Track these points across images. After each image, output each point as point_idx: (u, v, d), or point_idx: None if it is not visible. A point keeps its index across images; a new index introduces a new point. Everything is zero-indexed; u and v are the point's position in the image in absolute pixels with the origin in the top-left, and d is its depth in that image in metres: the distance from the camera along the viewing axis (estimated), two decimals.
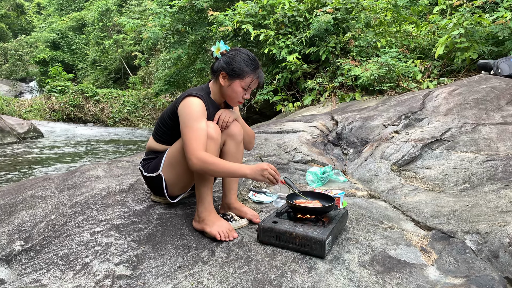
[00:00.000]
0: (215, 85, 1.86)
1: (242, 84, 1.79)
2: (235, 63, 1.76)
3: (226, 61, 1.78)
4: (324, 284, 1.40)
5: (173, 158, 1.80)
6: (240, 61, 1.77)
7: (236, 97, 1.81)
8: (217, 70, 1.80)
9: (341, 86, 5.86)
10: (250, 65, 1.78)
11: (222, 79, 1.79)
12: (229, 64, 1.77)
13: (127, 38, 19.78)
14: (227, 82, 1.79)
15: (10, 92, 21.04)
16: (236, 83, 1.78)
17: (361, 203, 2.26)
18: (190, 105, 1.71)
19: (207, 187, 1.72)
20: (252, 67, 1.79)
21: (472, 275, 1.48)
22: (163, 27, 11.38)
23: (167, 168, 1.82)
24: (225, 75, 1.78)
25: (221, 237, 1.66)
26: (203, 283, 1.40)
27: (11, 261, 1.52)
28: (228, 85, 1.79)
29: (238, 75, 1.77)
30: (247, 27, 6.85)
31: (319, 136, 3.68)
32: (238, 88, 1.79)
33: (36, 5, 34.28)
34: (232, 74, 1.77)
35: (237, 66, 1.76)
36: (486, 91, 3.70)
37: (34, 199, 2.06)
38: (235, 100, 1.83)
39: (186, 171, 1.76)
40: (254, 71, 1.79)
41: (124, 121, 16.16)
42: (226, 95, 1.84)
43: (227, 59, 1.79)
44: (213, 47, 1.84)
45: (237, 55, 1.78)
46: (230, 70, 1.77)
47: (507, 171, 2.41)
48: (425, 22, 6.76)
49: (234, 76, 1.77)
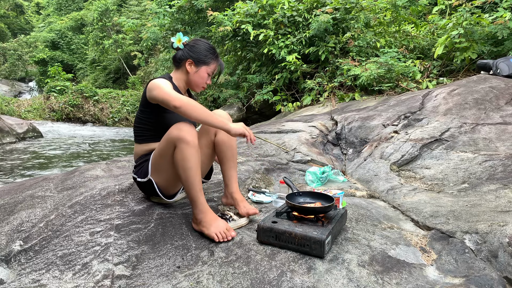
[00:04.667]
0: (178, 73, 1.97)
1: (207, 70, 1.95)
2: (200, 51, 1.93)
3: (192, 50, 1.92)
4: (324, 284, 1.40)
5: (157, 165, 1.82)
6: (204, 50, 1.94)
7: (201, 82, 1.96)
8: (183, 58, 1.93)
9: (340, 86, 5.87)
10: (213, 53, 1.96)
11: (189, 66, 1.93)
12: (195, 52, 1.92)
13: (127, 38, 19.75)
14: (194, 68, 1.93)
15: (9, 92, 21.03)
16: (202, 69, 1.94)
17: (361, 203, 2.26)
18: (158, 83, 1.77)
19: (195, 190, 1.71)
20: (215, 55, 1.97)
21: (471, 275, 1.48)
22: (162, 27, 11.38)
23: (154, 173, 1.84)
24: (191, 62, 1.92)
25: (218, 238, 1.66)
26: (202, 283, 1.40)
27: (10, 261, 1.52)
28: (195, 71, 1.94)
29: (204, 62, 1.93)
30: (246, 27, 6.85)
31: (319, 136, 3.68)
32: (204, 74, 1.95)
33: (35, 5, 34.24)
34: (199, 61, 1.92)
35: (203, 54, 1.93)
36: (485, 91, 3.70)
37: (33, 199, 2.06)
38: (200, 85, 1.98)
39: (171, 175, 1.78)
40: (217, 58, 1.98)
41: (123, 121, 16.15)
42: (192, 81, 1.96)
43: (191, 48, 1.93)
44: (173, 38, 1.96)
45: (200, 44, 1.94)
46: (197, 57, 1.92)
47: (506, 171, 2.41)
48: (424, 22, 6.77)
49: (200, 63, 1.93)
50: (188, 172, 1.67)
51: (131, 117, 16.34)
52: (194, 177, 1.69)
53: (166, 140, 1.71)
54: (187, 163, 1.66)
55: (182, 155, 1.65)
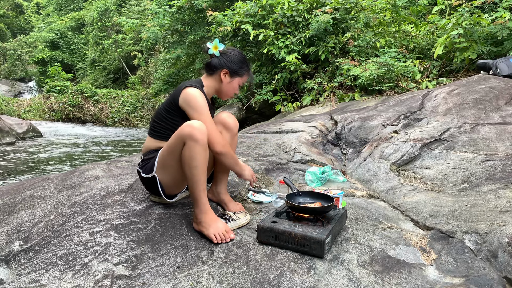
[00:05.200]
0: (210, 80, 1.97)
1: (240, 81, 2.00)
2: (236, 62, 1.95)
3: (229, 60, 1.94)
4: (323, 284, 1.41)
5: (164, 161, 1.80)
6: (239, 61, 1.96)
7: (232, 93, 2.01)
8: (219, 67, 1.93)
9: (340, 86, 5.86)
10: (247, 65, 2.01)
11: (223, 76, 1.94)
12: (231, 63, 1.94)
13: (126, 38, 19.75)
14: (229, 79, 1.95)
15: (9, 92, 21.03)
16: (236, 80, 1.98)
17: (360, 203, 2.26)
18: (194, 94, 1.81)
19: (199, 189, 1.71)
20: (248, 67, 2.02)
21: (471, 275, 1.48)
22: (162, 27, 11.38)
23: (160, 169, 1.83)
24: (226, 73, 1.94)
25: (217, 239, 1.66)
26: (202, 283, 1.40)
27: (10, 261, 1.52)
28: (229, 82, 1.96)
29: (238, 73, 1.97)
30: (246, 27, 6.84)
31: (318, 136, 3.68)
32: (236, 85, 2.00)
33: (35, 5, 34.24)
34: (234, 72, 1.95)
35: (238, 65, 1.95)
36: (485, 91, 3.70)
37: (33, 199, 2.06)
38: (230, 95, 2.03)
39: (177, 172, 1.77)
40: (249, 70, 2.03)
41: (123, 121, 16.16)
42: (223, 91, 1.99)
43: (227, 57, 1.94)
44: (209, 44, 1.95)
45: (235, 54, 1.97)
46: (233, 69, 1.94)
47: (506, 171, 2.41)
48: (424, 22, 6.77)
49: (235, 74, 1.96)
50: (194, 170, 1.67)
51: (131, 117, 16.35)
52: (199, 176, 1.69)
53: (177, 137, 1.70)
54: (194, 161, 1.66)
55: (190, 152, 1.65)
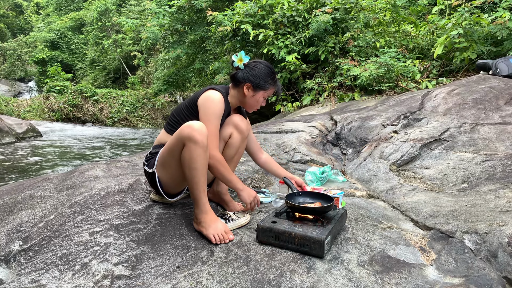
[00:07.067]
0: (235, 91, 1.96)
1: (264, 95, 1.96)
2: (260, 76, 1.90)
3: (252, 74, 1.90)
4: (323, 284, 1.41)
5: (164, 160, 1.80)
6: (265, 74, 1.91)
7: (256, 105, 1.98)
8: (242, 81, 1.90)
9: (340, 86, 5.86)
10: (273, 78, 1.94)
11: (247, 89, 1.91)
12: (255, 77, 1.90)
13: (126, 38, 19.74)
14: (252, 92, 1.92)
15: (8, 92, 21.02)
16: (260, 93, 1.93)
17: (360, 203, 2.26)
18: (213, 99, 1.80)
19: (199, 190, 1.70)
20: (274, 80, 1.95)
21: (471, 275, 1.48)
22: (162, 27, 11.38)
23: (160, 167, 1.83)
24: (249, 86, 1.91)
25: (215, 240, 1.66)
26: (202, 283, 1.40)
27: (10, 261, 1.52)
28: (252, 95, 1.93)
29: (262, 87, 1.92)
30: (246, 27, 6.84)
31: (318, 136, 3.68)
32: (260, 98, 1.95)
33: (35, 5, 34.20)
34: (258, 86, 1.91)
35: (262, 79, 1.90)
36: (484, 91, 3.70)
37: (32, 199, 2.06)
38: (255, 108, 1.99)
39: (177, 173, 1.77)
40: (276, 83, 1.96)
41: (123, 121, 16.14)
42: (247, 104, 1.97)
43: (252, 71, 1.90)
44: (234, 57, 1.93)
45: (261, 68, 1.91)
46: (256, 83, 1.90)
47: (506, 171, 2.41)
48: (424, 22, 6.77)
49: (259, 88, 1.91)
50: (193, 172, 1.67)
51: (131, 117, 16.34)
52: (199, 177, 1.68)
53: (177, 138, 1.69)
54: (194, 163, 1.65)
55: (190, 154, 1.64)
